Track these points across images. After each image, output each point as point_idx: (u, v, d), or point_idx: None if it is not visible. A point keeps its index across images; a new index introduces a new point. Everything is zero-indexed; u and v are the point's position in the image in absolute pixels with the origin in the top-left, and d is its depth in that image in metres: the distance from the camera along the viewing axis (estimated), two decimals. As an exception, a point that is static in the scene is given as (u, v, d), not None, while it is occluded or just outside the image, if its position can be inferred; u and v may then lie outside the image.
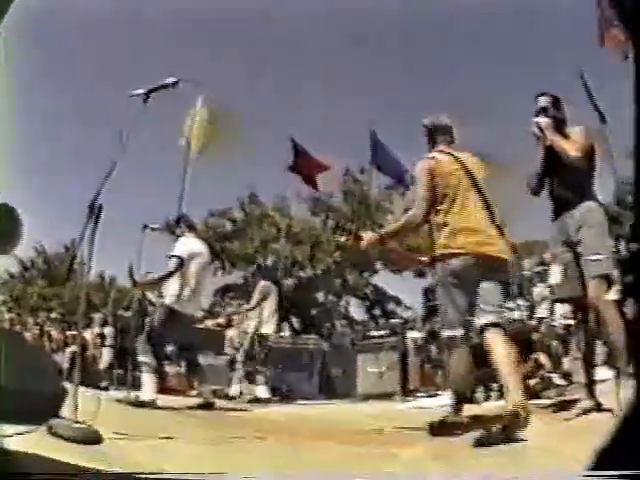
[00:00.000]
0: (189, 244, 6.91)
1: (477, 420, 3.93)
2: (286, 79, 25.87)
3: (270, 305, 9.37)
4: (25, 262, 24.30)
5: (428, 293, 12.05)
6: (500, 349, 3.73)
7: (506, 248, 4.03)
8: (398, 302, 20.07)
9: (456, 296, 4.02)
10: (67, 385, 3.90)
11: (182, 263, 6.63)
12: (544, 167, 4.35)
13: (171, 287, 6.66)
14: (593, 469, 1.77)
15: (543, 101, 4.39)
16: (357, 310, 17.77)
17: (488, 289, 3.92)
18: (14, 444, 2.56)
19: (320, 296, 19.11)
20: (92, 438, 3.55)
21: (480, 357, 5.90)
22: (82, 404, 3.68)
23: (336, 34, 21.69)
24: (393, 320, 14.87)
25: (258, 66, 25.17)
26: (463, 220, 3.99)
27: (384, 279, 18.88)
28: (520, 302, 8.40)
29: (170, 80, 4.28)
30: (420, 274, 18.62)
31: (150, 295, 7.71)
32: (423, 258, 4.50)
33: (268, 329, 9.36)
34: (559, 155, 4.20)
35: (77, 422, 3.57)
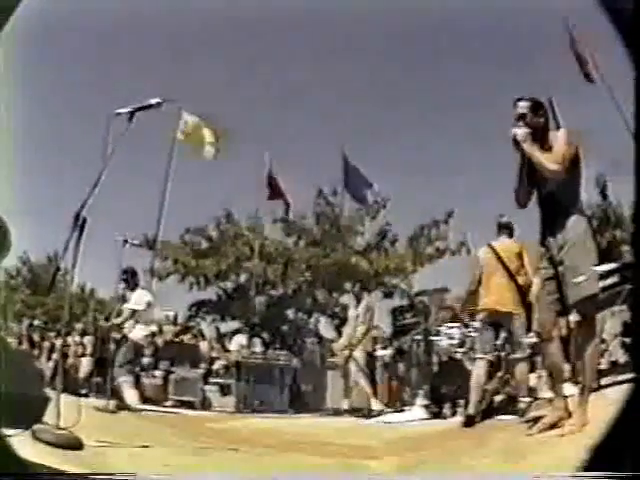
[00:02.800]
0: (143, 297, 8.29)
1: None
2: (262, 100, 25.90)
3: (372, 321, 9.47)
4: (10, 271, 24.02)
5: (396, 313, 12.22)
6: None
7: (516, 303, 5.84)
8: (367, 321, 20.21)
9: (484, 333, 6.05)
10: (49, 392, 4.03)
11: (135, 312, 8.01)
12: (526, 177, 4.07)
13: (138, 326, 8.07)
14: (587, 469, 1.83)
15: (521, 107, 4.08)
16: (326, 328, 17.80)
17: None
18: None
19: (290, 313, 19.24)
20: (73, 444, 3.68)
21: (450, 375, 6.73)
22: (63, 411, 3.79)
23: (309, 56, 21.69)
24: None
25: (234, 87, 25.13)
26: (489, 290, 6.00)
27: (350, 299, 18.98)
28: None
29: (154, 100, 4.48)
30: (387, 295, 18.84)
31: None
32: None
33: (368, 346, 9.43)
34: (537, 167, 3.96)
35: (59, 428, 3.71)
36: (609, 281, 6.50)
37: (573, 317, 4.06)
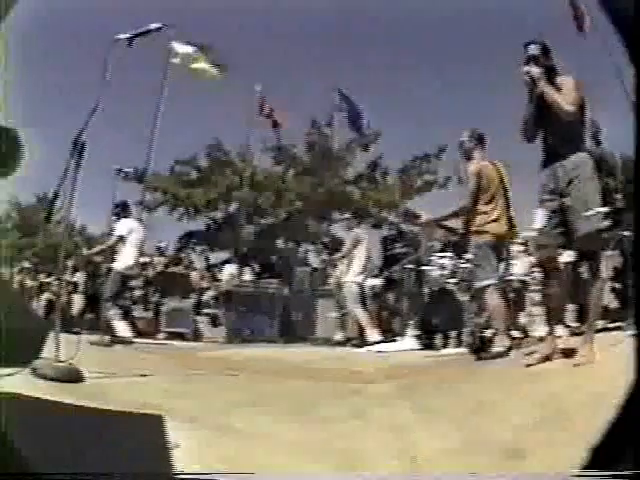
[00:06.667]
0: (127, 224, 8.11)
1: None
2: (257, 32, 25.28)
3: (360, 254, 9.38)
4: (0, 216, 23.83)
5: (387, 242, 12.24)
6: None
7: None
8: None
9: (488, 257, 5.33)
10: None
11: (122, 239, 7.95)
12: (536, 115, 4.14)
13: (122, 257, 8.00)
14: (588, 468, 1.80)
15: (533, 49, 4.15)
16: (316, 258, 17.92)
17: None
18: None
19: (280, 243, 19.30)
20: (75, 377, 3.73)
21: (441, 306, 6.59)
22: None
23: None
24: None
25: (231, 18, 24.40)
26: (492, 209, 5.38)
27: (342, 228, 19.15)
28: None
29: (154, 26, 4.37)
30: (376, 225, 18.84)
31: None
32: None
33: (359, 277, 9.32)
34: (551, 105, 4.04)
35: (59, 361, 3.74)
36: (603, 224, 6.54)
37: (570, 253, 4.08)
